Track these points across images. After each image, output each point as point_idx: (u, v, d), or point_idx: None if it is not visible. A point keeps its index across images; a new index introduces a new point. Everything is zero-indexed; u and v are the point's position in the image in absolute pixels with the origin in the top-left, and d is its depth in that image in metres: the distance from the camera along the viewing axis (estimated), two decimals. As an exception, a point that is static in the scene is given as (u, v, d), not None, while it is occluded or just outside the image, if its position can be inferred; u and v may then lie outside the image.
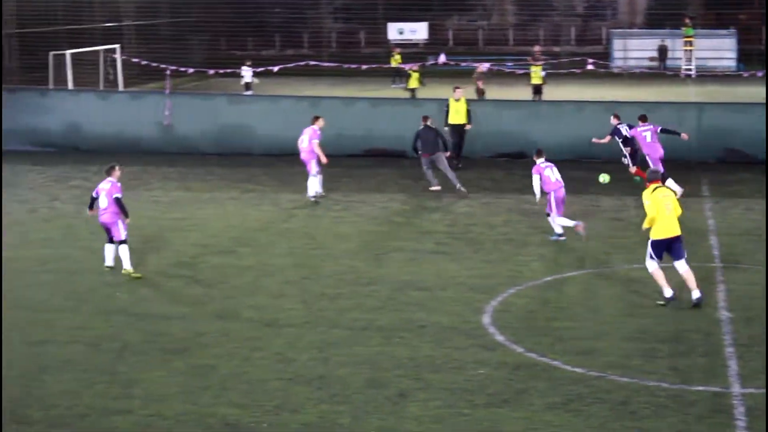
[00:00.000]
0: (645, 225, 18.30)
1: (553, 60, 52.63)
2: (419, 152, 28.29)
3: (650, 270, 18.27)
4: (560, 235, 22.96)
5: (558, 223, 23.02)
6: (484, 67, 46.61)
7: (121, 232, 20.42)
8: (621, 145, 28.87)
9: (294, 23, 68.15)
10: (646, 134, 27.94)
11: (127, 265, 20.43)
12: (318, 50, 67.30)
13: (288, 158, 31.23)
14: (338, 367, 15.49)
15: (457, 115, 31.83)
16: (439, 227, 24.80)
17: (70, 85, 46.99)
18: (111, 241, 20.64)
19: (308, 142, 27.30)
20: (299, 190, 27.89)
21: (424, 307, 18.37)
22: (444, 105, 32.36)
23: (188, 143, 35.86)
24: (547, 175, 22.89)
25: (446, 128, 31.09)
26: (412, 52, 60.83)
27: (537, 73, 44.07)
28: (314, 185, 27.44)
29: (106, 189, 20.55)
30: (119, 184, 20.79)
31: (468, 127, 31.92)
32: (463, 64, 53.64)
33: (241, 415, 13.77)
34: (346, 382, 14.85)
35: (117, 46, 52.65)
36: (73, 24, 56.03)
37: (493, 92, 44.09)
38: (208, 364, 15.62)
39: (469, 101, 32.65)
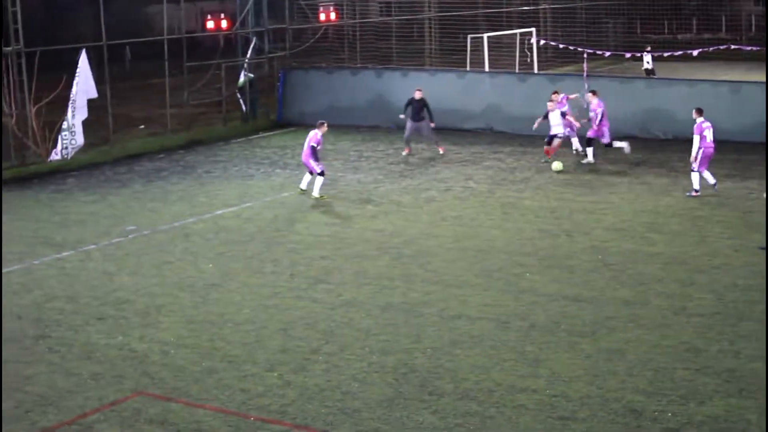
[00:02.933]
0: None
1: None
2: (408, 118, 33.05)
3: None
4: (697, 191, 25.66)
5: (700, 178, 25.73)
6: None
7: (315, 167, 26.71)
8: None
9: (711, 6, 66.16)
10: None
11: (315, 193, 26.65)
12: (736, 34, 65.07)
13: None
14: (750, 361, 14.99)
15: None
16: None
17: (486, 67, 48.08)
18: (311, 173, 27.07)
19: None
20: (720, 178, 27.03)
21: None
22: None
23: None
24: (705, 135, 25.58)
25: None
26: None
27: None
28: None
29: (310, 137, 26.81)
30: (320, 137, 26.87)
31: None
32: None
33: (646, 403, 13.63)
34: (758, 376, 14.35)
35: (532, 29, 53.29)
36: (491, 8, 57.28)
37: None
38: (615, 349, 15.57)
39: None
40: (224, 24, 49.01)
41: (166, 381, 14.81)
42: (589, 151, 30.90)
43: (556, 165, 29.80)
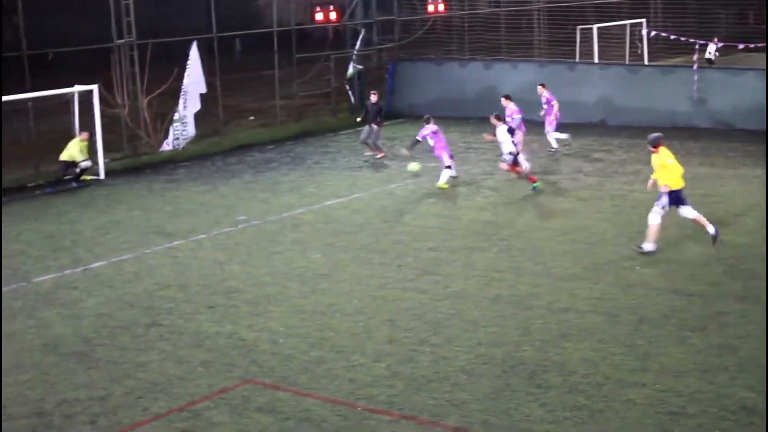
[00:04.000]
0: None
1: None
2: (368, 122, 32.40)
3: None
4: None
5: None
6: None
7: (445, 160, 27.11)
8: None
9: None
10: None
11: (440, 182, 26.97)
12: None
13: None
14: None
15: None
16: None
17: (596, 58, 47.57)
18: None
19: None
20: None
21: None
22: None
23: (719, 118, 35.22)
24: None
25: None
26: None
27: None
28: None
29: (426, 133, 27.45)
30: (427, 131, 27.34)
31: None
32: None
33: (757, 400, 13.35)
34: None
35: (643, 20, 52.58)
36: (602, -1, 56.64)
37: None
38: (727, 344, 15.29)
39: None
40: (333, 16, 49.17)
41: (275, 370, 14.95)
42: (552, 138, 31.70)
43: (413, 166, 28.44)
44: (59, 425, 13.33)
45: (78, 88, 30.67)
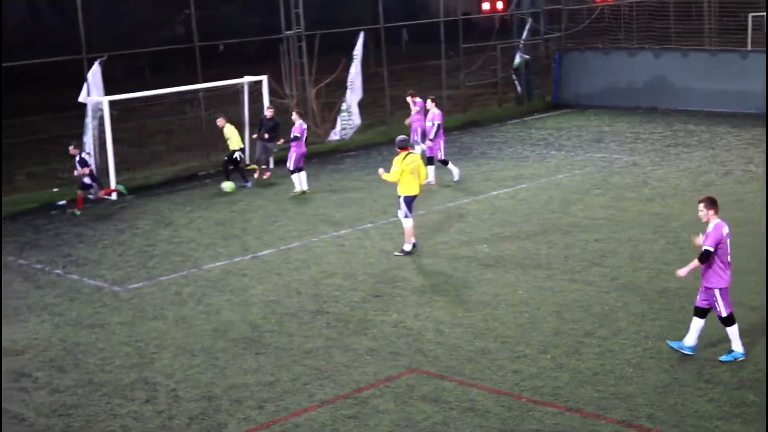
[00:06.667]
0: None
1: None
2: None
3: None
4: None
5: None
6: None
7: None
8: None
9: None
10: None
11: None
12: None
13: None
14: None
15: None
16: None
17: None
18: None
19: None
20: None
21: None
22: None
23: None
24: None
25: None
26: None
27: None
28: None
29: None
30: None
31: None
32: None
33: None
34: None
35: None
36: (776, -16, 54.94)
37: None
38: None
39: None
40: (499, 5, 49.02)
41: (440, 359, 14.98)
42: (431, 170, 26.96)
43: (227, 185, 27.60)
44: (228, 409, 13.62)
45: (248, 78, 31.24)
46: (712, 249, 14.14)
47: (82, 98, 28.77)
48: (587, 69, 41.12)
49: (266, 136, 29.16)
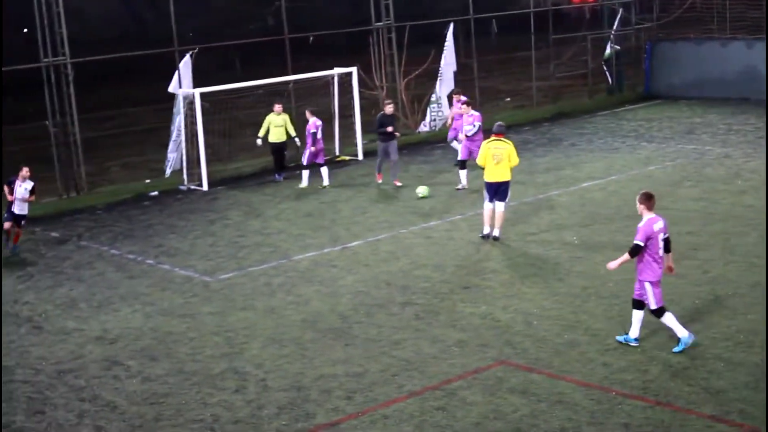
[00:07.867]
0: None
1: None
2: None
3: None
4: None
5: None
6: None
7: None
8: None
9: None
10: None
11: None
12: None
13: None
14: None
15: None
16: None
17: None
18: None
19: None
20: None
21: None
22: None
23: None
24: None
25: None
26: None
27: None
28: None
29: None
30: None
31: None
32: None
33: None
34: None
35: None
36: None
37: None
38: None
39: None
40: (590, -4, 48.74)
41: (529, 351, 14.94)
42: (463, 174, 26.11)
43: (422, 190, 25.74)
44: (317, 399, 13.73)
45: (338, 70, 31.38)
46: (642, 243, 14.32)
47: (172, 88, 29.19)
48: (679, 59, 40.58)
49: (389, 129, 26.72)
